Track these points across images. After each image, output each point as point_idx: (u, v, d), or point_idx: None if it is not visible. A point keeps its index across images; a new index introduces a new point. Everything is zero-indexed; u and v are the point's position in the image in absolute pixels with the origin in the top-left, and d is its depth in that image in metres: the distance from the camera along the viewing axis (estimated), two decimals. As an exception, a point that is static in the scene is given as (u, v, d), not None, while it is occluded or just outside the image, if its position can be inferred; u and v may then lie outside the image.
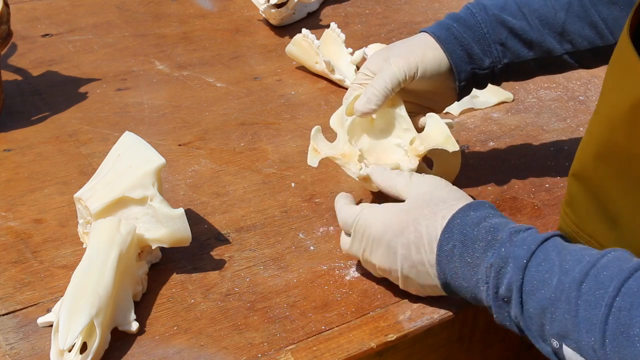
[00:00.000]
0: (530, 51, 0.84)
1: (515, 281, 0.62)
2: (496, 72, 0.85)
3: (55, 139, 0.97)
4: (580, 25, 0.83)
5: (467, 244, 0.66)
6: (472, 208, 0.68)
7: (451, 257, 0.67)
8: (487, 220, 0.67)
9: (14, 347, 0.67)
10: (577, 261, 0.60)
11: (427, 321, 0.72)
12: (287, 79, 1.13)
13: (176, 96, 1.07)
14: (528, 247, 0.63)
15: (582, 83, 1.13)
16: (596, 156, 0.68)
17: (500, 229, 0.66)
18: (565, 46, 0.84)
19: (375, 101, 0.80)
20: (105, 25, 1.26)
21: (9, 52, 1.15)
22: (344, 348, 0.69)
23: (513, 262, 0.63)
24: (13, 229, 0.81)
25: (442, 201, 0.70)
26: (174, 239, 0.74)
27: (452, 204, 0.69)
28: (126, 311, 0.69)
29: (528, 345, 0.86)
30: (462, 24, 0.83)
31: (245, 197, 0.88)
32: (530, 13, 0.83)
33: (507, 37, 0.83)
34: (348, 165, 0.80)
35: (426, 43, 0.82)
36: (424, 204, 0.70)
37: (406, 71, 0.80)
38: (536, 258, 0.62)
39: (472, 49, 0.82)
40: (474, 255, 0.66)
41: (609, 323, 0.56)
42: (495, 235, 0.65)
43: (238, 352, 0.68)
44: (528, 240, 0.63)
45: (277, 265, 0.78)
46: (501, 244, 0.64)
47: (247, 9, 1.33)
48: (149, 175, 0.74)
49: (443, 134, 0.81)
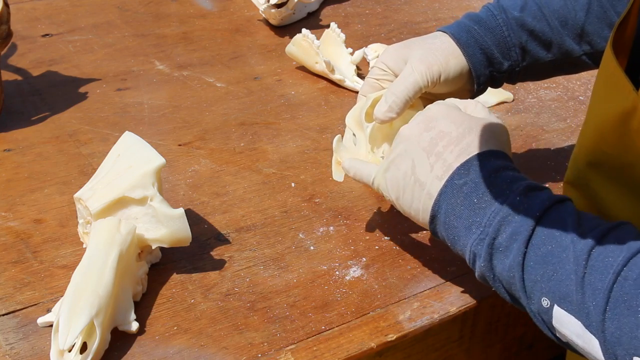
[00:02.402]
0: (549, 53, 0.83)
1: (522, 231, 0.61)
2: (514, 75, 0.84)
3: (55, 139, 0.97)
4: (600, 26, 0.82)
5: (479, 186, 0.65)
6: (495, 155, 0.67)
7: (457, 193, 0.66)
8: (507, 171, 0.66)
9: (14, 347, 0.68)
10: (591, 227, 0.60)
11: (427, 321, 0.72)
12: (287, 79, 1.13)
13: (176, 96, 1.07)
14: (542, 203, 0.62)
15: (582, 83, 1.13)
16: (589, 164, 0.68)
17: (517, 181, 0.65)
18: (584, 47, 0.84)
19: (396, 110, 0.78)
20: (105, 25, 1.26)
21: (9, 52, 1.15)
22: (344, 348, 0.69)
23: (524, 213, 0.62)
24: (13, 229, 0.81)
25: (487, 128, 0.69)
26: (174, 239, 0.74)
27: (480, 141, 0.68)
28: (126, 311, 0.69)
29: (528, 345, 0.86)
30: (483, 26, 0.82)
31: (245, 197, 0.88)
32: (550, 14, 0.82)
33: (527, 40, 0.82)
34: None
35: (448, 48, 0.80)
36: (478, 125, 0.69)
37: (429, 79, 0.78)
38: (550, 215, 0.61)
39: (493, 53, 0.82)
40: (482, 198, 0.65)
41: (613, 290, 0.55)
42: (512, 185, 0.64)
43: (238, 352, 0.68)
44: (544, 196, 0.63)
45: (277, 265, 0.78)
46: (516, 194, 0.63)
47: (247, 9, 1.33)
48: (149, 175, 0.74)
49: None
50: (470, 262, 0.66)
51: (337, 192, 0.89)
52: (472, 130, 0.69)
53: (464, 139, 0.69)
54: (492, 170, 0.66)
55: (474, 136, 0.69)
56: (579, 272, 0.58)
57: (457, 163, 0.67)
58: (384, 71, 0.82)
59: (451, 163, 0.67)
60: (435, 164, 0.68)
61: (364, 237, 0.82)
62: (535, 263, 0.60)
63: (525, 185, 0.64)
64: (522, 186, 0.64)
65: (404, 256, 0.80)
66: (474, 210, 0.65)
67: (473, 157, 0.67)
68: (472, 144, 0.68)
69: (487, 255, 0.64)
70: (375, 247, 0.81)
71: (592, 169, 0.67)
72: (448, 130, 0.69)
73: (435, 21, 1.33)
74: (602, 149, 0.66)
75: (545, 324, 0.61)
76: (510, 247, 0.62)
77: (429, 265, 0.79)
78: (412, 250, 0.81)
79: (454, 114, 0.71)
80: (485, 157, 0.67)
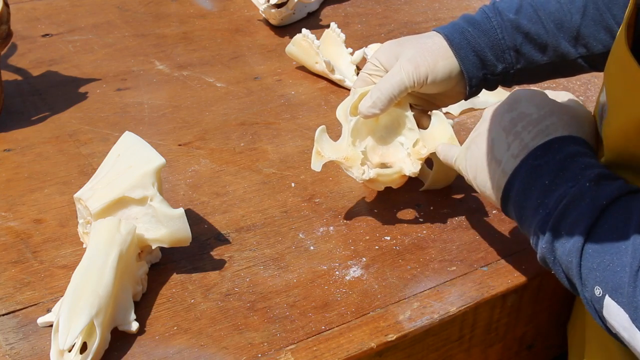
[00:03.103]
0: (545, 56, 0.84)
1: (586, 218, 0.61)
2: (508, 77, 0.84)
3: (55, 139, 0.97)
4: (596, 29, 0.82)
5: (553, 168, 0.65)
6: (574, 141, 0.68)
7: (531, 173, 0.67)
8: (583, 157, 0.66)
9: (14, 347, 0.68)
10: None
11: (427, 321, 0.72)
12: (287, 79, 1.13)
13: (176, 96, 1.07)
14: (612, 192, 0.61)
15: (582, 83, 1.13)
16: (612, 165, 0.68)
17: (592, 168, 0.65)
18: (580, 50, 0.84)
19: (380, 106, 0.79)
20: (105, 25, 1.26)
21: (9, 52, 1.15)
22: (344, 348, 0.69)
23: (591, 199, 0.61)
24: (13, 229, 0.81)
25: (569, 114, 0.70)
26: (174, 239, 0.74)
27: (562, 125, 0.69)
28: (126, 311, 0.69)
29: (528, 345, 0.86)
30: (478, 28, 0.82)
31: (245, 197, 0.88)
32: (546, 16, 0.83)
33: (522, 43, 0.83)
34: (351, 169, 0.80)
35: (439, 49, 0.81)
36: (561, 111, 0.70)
37: (415, 79, 0.79)
38: (617, 204, 0.61)
39: (486, 55, 0.82)
40: (554, 180, 0.65)
41: None
42: (585, 171, 0.64)
43: (238, 352, 0.68)
44: (614, 186, 0.62)
45: (277, 265, 0.78)
46: (587, 179, 0.63)
47: (247, 9, 1.33)
48: (149, 175, 0.74)
49: (447, 134, 0.81)
50: (534, 244, 0.67)
51: (337, 192, 0.89)
52: (553, 113, 0.70)
53: (544, 121, 0.69)
54: (568, 154, 0.66)
55: (555, 119, 0.70)
56: (634, 266, 0.57)
57: (534, 143, 0.68)
58: (376, 67, 0.83)
59: (528, 143, 0.68)
60: (513, 143, 0.69)
61: (364, 237, 0.82)
62: (594, 251, 0.60)
63: (597, 173, 0.64)
64: (595, 173, 0.64)
65: (404, 256, 0.80)
66: (544, 191, 0.65)
67: (551, 140, 0.68)
68: (551, 127, 0.69)
69: (550, 237, 0.64)
70: (375, 247, 0.81)
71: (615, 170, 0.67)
72: (529, 112, 0.70)
73: (435, 21, 1.33)
74: (628, 149, 0.66)
75: (597, 313, 0.61)
76: (572, 232, 0.62)
77: (429, 265, 0.79)
78: (412, 250, 0.81)
79: (538, 97, 0.72)
80: (564, 141, 0.67)
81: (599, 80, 1.13)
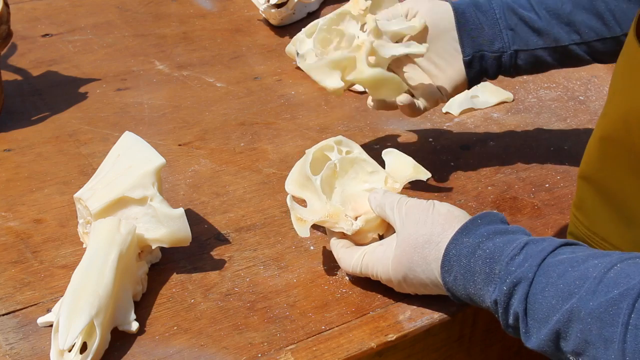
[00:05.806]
0: (540, 39, 0.85)
1: (521, 311, 0.61)
2: (505, 59, 0.85)
3: (55, 139, 0.97)
4: (587, 16, 0.83)
5: (467, 276, 0.65)
6: (464, 233, 0.66)
7: (457, 287, 0.66)
8: (481, 247, 0.65)
9: (14, 347, 0.68)
10: (582, 279, 0.58)
11: (427, 321, 0.72)
12: (287, 79, 1.13)
13: (176, 96, 1.07)
14: (525, 275, 0.61)
15: (582, 83, 1.13)
16: (609, 157, 0.67)
17: (496, 259, 0.63)
18: (572, 36, 0.84)
19: None
20: (105, 25, 1.26)
21: (9, 52, 1.15)
22: (344, 348, 0.69)
23: (516, 294, 0.61)
24: (13, 229, 0.81)
25: (427, 242, 0.68)
26: (174, 239, 0.74)
27: (437, 242, 0.68)
28: (126, 311, 0.69)
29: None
30: (479, 9, 0.85)
31: (245, 197, 0.88)
32: (538, 4, 0.85)
33: (516, 24, 0.85)
34: (338, 224, 0.75)
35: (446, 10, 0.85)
36: (412, 250, 0.69)
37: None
38: (538, 284, 0.60)
39: (483, 30, 0.85)
40: (476, 287, 0.65)
41: (627, 342, 0.54)
42: (493, 267, 0.63)
43: (238, 352, 0.68)
44: (525, 266, 0.61)
45: (277, 265, 0.78)
46: (501, 279, 0.62)
47: (247, 9, 1.33)
48: (149, 175, 0.74)
49: (409, 165, 0.80)
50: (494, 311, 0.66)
51: (337, 192, 0.89)
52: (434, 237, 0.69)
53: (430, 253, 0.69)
54: (468, 255, 0.65)
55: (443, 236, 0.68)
56: (585, 331, 0.56)
57: (436, 274, 0.68)
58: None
59: (435, 277, 0.68)
60: (428, 286, 0.70)
61: (364, 237, 0.82)
62: (546, 335, 0.59)
63: (505, 263, 0.63)
64: (503, 264, 0.63)
65: (404, 256, 0.80)
66: (480, 298, 0.65)
67: (444, 258, 0.67)
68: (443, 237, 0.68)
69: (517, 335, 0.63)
70: (375, 247, 0.81)
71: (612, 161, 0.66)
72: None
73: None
74: (628, 139, 0.64)
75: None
76: (521, 328, 0.62)
77: (429, 265, 0.79)
78: (412, 250, 0.81)
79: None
80: (453, 247, 0.67)
81: (599, 81, 1.13)
